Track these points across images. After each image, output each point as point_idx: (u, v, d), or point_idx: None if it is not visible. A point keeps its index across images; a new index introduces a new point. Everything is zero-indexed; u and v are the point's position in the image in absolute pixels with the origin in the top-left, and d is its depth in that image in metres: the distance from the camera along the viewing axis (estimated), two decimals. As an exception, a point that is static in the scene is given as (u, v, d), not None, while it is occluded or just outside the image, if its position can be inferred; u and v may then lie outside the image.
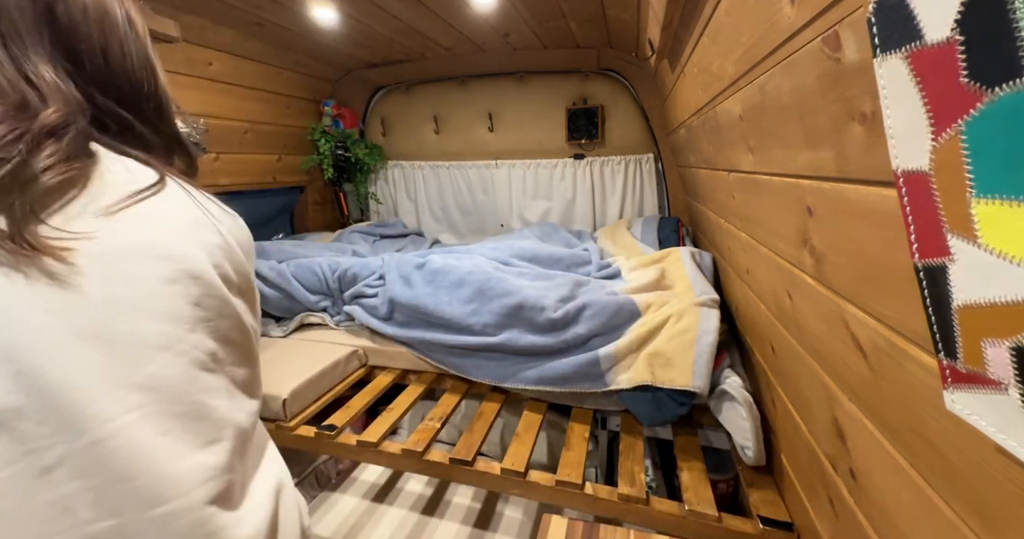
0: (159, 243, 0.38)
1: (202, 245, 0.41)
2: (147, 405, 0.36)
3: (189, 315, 0.39)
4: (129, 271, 0.36)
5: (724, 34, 0.88)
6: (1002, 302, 0.28)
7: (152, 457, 0.35)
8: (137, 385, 0.36)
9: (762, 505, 0.95)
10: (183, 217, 0.41)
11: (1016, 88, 0.25)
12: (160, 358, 0.37)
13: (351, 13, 1.77)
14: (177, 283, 0.38)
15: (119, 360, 0.35)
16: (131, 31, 0.46)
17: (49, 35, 0.40)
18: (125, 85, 0.45)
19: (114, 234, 0.36)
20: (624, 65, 2.31)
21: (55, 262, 0.33)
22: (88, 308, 0.34)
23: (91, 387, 0.34)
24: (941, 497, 0.43)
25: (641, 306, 1.31)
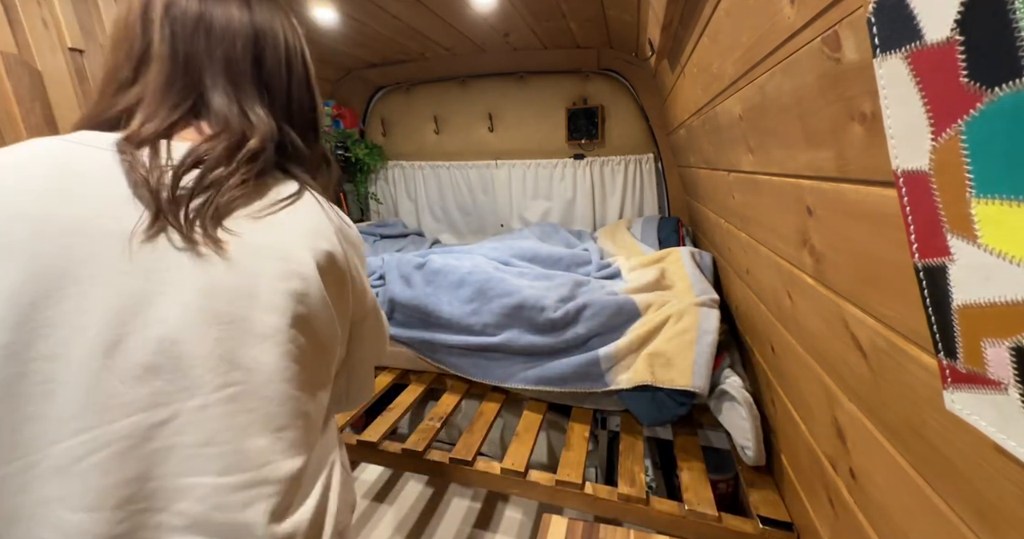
0: (281, 245, 0.45)
1: (314, 250, 0.47)
2: (244, 382, 0.41)
3: (292, 310, 0.44)
4: (255, 266, 0.44)
5: (724, 34, 0.88)
6: (1002, 302, 0.28)
7: (238, 430, 0.41)
8: (239, 364, 0.41)
9: (762, 505, 0.95)
10: (305, 224, 0.48)
11: (1016, 88, 0.25)
12: (262, 344, 0.43)
13: (351, 13, 1.77)
14: (288, 281, 0.44)
15: (231, 340, 0.41)
16: (305, 71, 0.56)
17: (254, 78, 0.51)
18: (299, 115, 0.55)
19: (252, 234, 0.44)
20: (624, 65, 2.30)
21: (209, 251, 0.42)
22: (220, 292, 0.42)
23: (205, 358, 0.40)
24: (941, 497, 0.43)
25: (641, 306, 1.31)
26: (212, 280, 0.41)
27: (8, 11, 0.96)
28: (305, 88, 0.56)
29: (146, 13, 0.48)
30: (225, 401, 0.41)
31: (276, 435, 0.43)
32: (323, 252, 0.48)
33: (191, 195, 0.43)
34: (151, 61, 0.48)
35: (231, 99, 0.50)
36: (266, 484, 0.41)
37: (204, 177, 0.44)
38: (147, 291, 0.40)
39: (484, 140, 2.70)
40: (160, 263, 0.40)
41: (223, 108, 0.49)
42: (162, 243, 0.41)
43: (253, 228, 0.45)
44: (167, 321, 0.40)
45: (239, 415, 0.41)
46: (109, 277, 0.39)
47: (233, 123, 0.49)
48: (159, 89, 0.48)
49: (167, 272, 0.40)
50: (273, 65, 0.53)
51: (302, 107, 0.56)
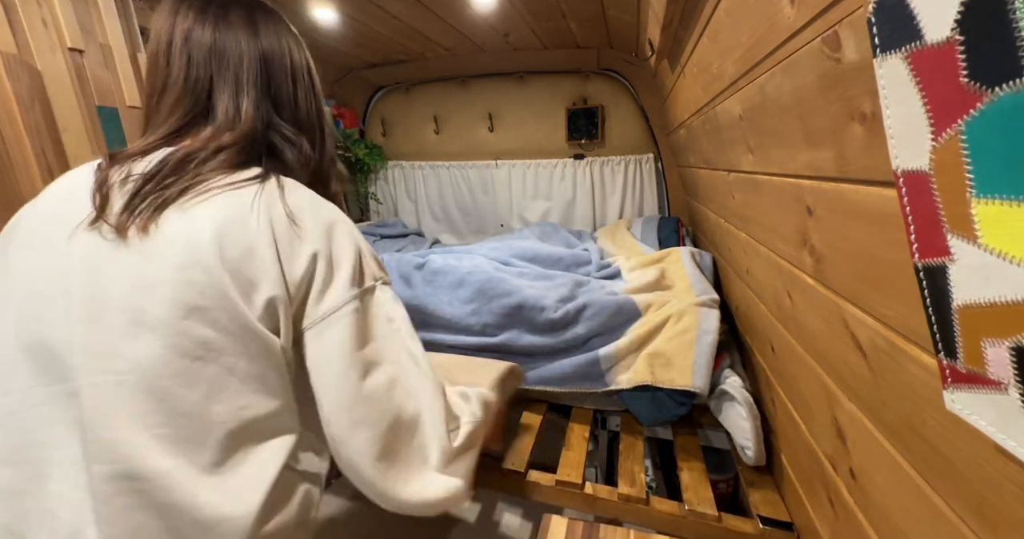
0: (188, 234, 0.46)
1: (223, 239, 0.46)
2: (126, 373, 0.43)
3: (186, 302, 0.44)
4: (160, 256, 0.45)
5: (724, 34, 0.88)
6: (1002, 302, 0.28)
7: (110, 419, 0.42)
8: (123, 354, 0.43)
9: (762, 505, 0.95)
10: (225, 213, 0.48)
11: (1016, 88, 0.25)
12: (147, 336, 0.43)
13: (351, 13, 1.77)
14: (186, 271, 0.45)
15: (120, 329, 0.43)
16: (310, 81, 0.62)
17: (261, 85, 0.57)
18: (307, 122, 0.61)
19: (170, 224, 0.46)
20: (624, 65, 2.30)
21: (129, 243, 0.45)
22: (121, 280, 0.44)
23: (94, 344, 0.43)
24: (941, 497, 0.43)
25: (641, 306, 1.31)
26: (118, 268, 0.45)
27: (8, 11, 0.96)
28: (312, 97, 0.62)
29: (169, 45, 0.54)
30: (105, 390, 0.42)
31: (151, 432, 0.43)
32: (236, 243, 0.46)
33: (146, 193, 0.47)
34: (168, 89, 0.55)
35: (232, 102, 0.55)
36: (131, 479, 0.42)
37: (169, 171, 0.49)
38: (71, 272, 0.45)
39: (484, 140, 2.70)
40: (86, 251, 0.46)
41: (223, 113, 0.54)
42: (95, 234, 0.46)
43: (177, 219, 0.47)
44: (75, 302, 0.44)
45: (115, 404, 0.42)
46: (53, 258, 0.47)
47: (224, 123, 0.54)
48: (168, 108, 0.54)
49: (89, 259, 0.46)
50: (280, 79, 0.58)
51: (309, 115, 0.61)
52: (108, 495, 0.42)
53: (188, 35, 0.54)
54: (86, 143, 1.10)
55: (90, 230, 0.46)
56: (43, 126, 1.02)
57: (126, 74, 1.20)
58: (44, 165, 1.01)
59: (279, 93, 0.58)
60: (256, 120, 0.55)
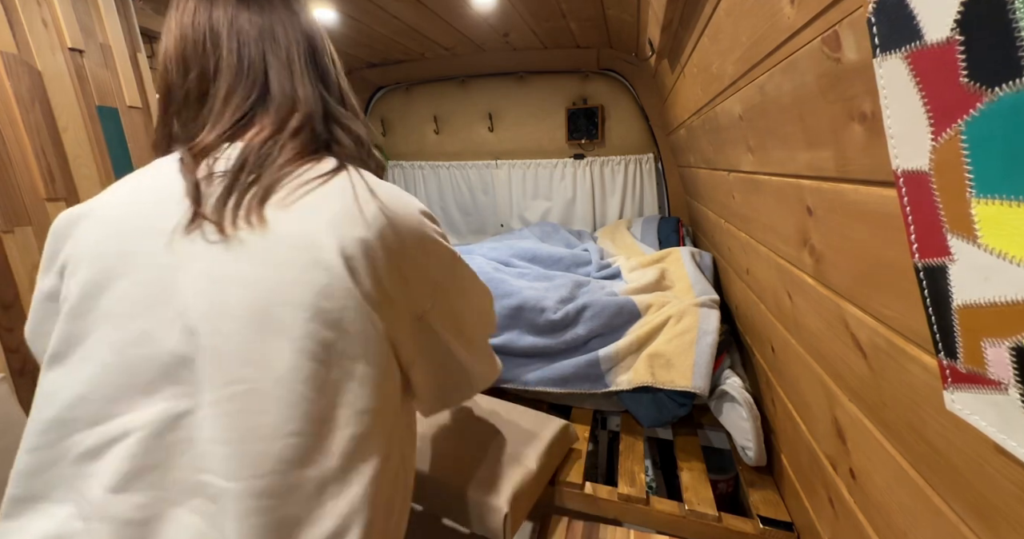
0: (306, 234, 0.44)
1: (342, 238, 0.44)
2: (254, 381, 0.40)
3: (313, 305, 0.42)
4: (278, 258, 0.43)
5: (724, 34, 0.88)
6: (1002, 302, 0.28)
7: (247, 431, 0.40)
8: (250, 361, 0.41)
9: (762, 505, 0.95)
10: (335, 208, 0.46)
11: (1016, 88, 0.25)
12: (275, 341, 0.41)
13: (351, 13, 1.77)
14: (310, 272, 0.43)
15: (244, 335, 0.41)
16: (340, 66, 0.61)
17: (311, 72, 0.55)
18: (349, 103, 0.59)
19: (281, 224, 0.44)
20: (624, 65, 2.30)
21: (239, 243, 0.43)
22: (241, 284, 0.42)
23: (220, 354, 0.41)
24: (941, 497, 0.43)
25: (641, 307, 1.31)
26: (236, 272, 0.42)
27: (8, 11, 0.96)
28: (344, 82, 0.61)
29: (212, 31, 0.52)
30: (232, 398, 0.40)
31: (284, 441, 0.40)
32: (354, 239, 0.44)
33: (238, 190, 0.45)
34: (220, 73, 0.52)
35: (288, 84, 0.53)
36: (270, 497, 0.39)
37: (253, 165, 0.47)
38: (177, 283, 0.42)
39: (484, 140, 2.70)
40: (193, 257, 0.43)
41: (280, 93, 0.52)
42: (198, 238, 0.43)
43: (283, 217, 0.44)
44: (189, 313, 0.41)
45: (248, 416, 0.39)
46: (147, 271, 0.43)
47: (284, 104, 0.52)
48: (225, 96, 0.51)
49: (198, 264, 0.43)
50: (324, 61, 0.57)
51: (345, 96, 0.59)
52: (243, 514, 0.38)
53: (233, 19, 0.52)
54: (86, 143, 1.10)
55: (189, 234, 0.43)
56: (43, 126, 1.02)
57: (126, 74, 1.20)
58: (44, 165, 1.01)
59: (326, 75, 0.57)
60: (315, 102, 0.54)
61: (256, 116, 0.52)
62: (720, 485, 1.41)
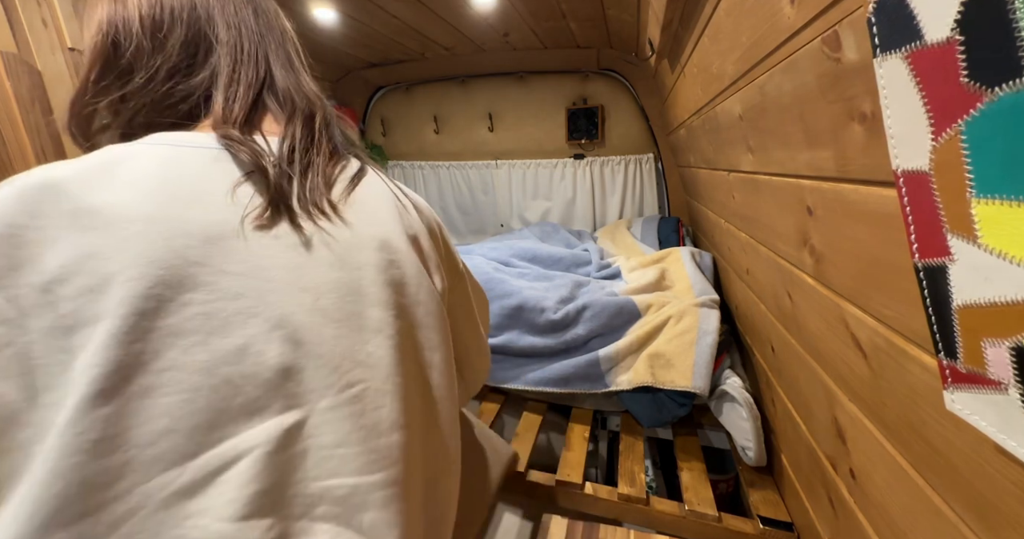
0: (376, 235, 0.45)
1: (406, 236, 0.47)
2: (367, 380, 0.41)
3: (395, 302, 0.44)
4: (357, 258, 0.43)
5: (724, 34, 0.88)
6: (1002, 302, 0.28)
7: (368, 429, 0.40)
8: (359, 362, 0.41)
9: (762, 505, 0.95)
10: (388, 208, 0.48)
11: (1016, 88, 0.25)
12: (375, 339, 0.42)
13: (351, 13, 1.77)
14: (388, 271, 0.44)
15: (347, 337, 0.41)
16: None
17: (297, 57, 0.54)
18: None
19: (348, 223, 0.44)
20: (624, 65, 2.30)
21: (315, 244, 0.42)
22: (330, 288, 0.42)
23: (330, 357, 0.40)
24: (941, 497, 0.43)
25: (641, 307, 1.31)
26: (321, 276, 0.42)
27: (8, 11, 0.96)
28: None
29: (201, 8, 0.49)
30: (352, 400, 0.40)
31: (401, 431, 0.42)
32: (413, 236, 0.48)
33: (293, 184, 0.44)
34: (215, 45, 0.48)
35: (289, 75, 0.52)
36: (400, 483, 0.41)
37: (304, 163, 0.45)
38: (263, 291, 0.39)
39: (484, 140, 2.70)
40: (272, 261, 0.40)
41: (285, 84, 0.51)
42: (272, 238, 0.41)
43: (350, 215, 0.45)
44: (288, 322, 0.39)
45: (368, 413, 0.41)
46: (223, 280, 0.38)
47: (298, 101, 0.50)
48: (231, 73, 0.48)
49: (279, 270, 0.40)
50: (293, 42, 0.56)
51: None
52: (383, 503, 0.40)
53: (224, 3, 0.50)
54: (86, 143, 1.10)
55: (261, 234, 0.40)
56: (43, 126, 1.02)
57: (126, 74, 1.20)
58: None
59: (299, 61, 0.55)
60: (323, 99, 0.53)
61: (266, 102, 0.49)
62: (720, 485, 1.41)
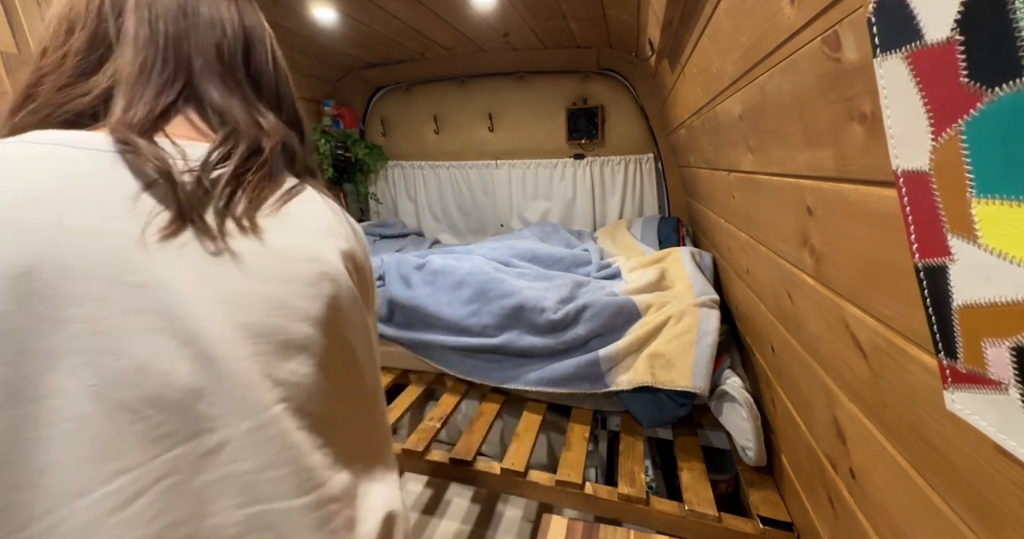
0: (307, 246, 0.42)
1: (338, 250, 0.44)
2: (289, 400, 0.38)
3: (325, 318, 0.41)
4: (286, 271, 0.40)
5: (724, 34, 0.88)
6: (1002, 302, 0.28)
7: (295, 449, 0.38)
8: (281, 380, 0.38)
9: (762, 505, 0.95)
10: (322, 222, 0.45)
11: (1016, 88, 0.25)
12: (298, 357, 0.39)
13: (351, 13, 1.77)
14: (318, 285, 0.41)
15: (267, 354, 0.38)
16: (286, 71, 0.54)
17: (245, 71, 0.49)
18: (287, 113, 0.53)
19: (274, 234, 0.41)
20: (624, 65, 2.31)
21: (233, 255, 0.38)
22: (250, 301, 0.38)
23: (247, 376, 0.36)
24: (941, 497, 0.43)
25: (641, 307, 1.31)
26: (241, 288, 0.38)
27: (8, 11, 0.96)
28: (288, 87, 0.54)
29: None
30: (275, 420, 0.37)
31: (323, 451, 0.40)
32: (346, 252, 0.45)
33: (218, 190, 0.39)
34: (123, 45, 0.43)
35: (229, 93, 0.46)
36: (332, 502, 0.39)
37: (232, 174, 0.41)
38: (169, 306, 0.35)
39: (484, 140, 2.70)
40: (180, 273, 0.36)
41: (220, 102, 0.46)
42: (179, 247, 0.36)
43: (277, 227, 0.41)
44: (199, 338, 0.35)
45: (292, 434, 0.38)
46: (121, 293, 0.34)
47: (243, 124, 0.45)
48: (137, 73, 0.43)
49: (189, 283, 0.36)
50: (261, 60, 0.50)
51: (288, 106, 0.53)
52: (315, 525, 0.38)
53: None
54: (86, 143, 1.10)
55: (165, 243, 0.36)
56: (43, 126, 1.02)
57: (126, 74, 1.20)
58: (44, 165, 1.01)
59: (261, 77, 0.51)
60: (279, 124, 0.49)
61: (181, 108, 0.45)
62: (720, 485, 1.41)
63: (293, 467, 0.37)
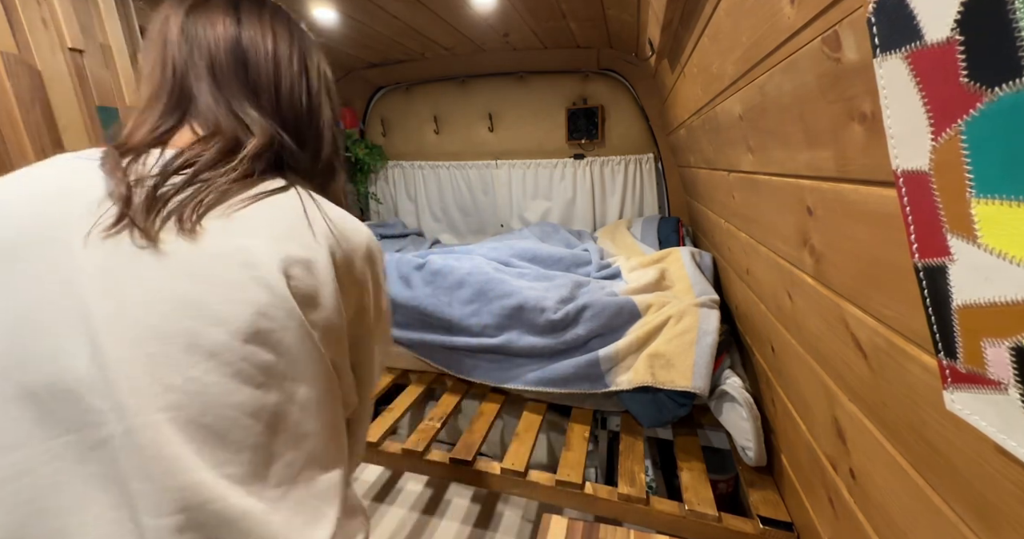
0: (244, 249, 0.41)
1: (284, 257, 0.42)
2: (177, 408, 0.36)
3: (248, 324, 0.39)
4: (211, 273, 0.39)
5: (724, 34, 0.88)
6: (1002, 302, 0.28)
7: (169, 462, 0.35)
8: (174, 386, 0.36)
9: (762, 505, 0.95)
10: (277, 225, 0.44)
11: (1016, 88, 0.25)
12: (205, 363, 0.37)
13: (351, 13, 1.77)
14: (246, 290, 0.39)
15: (166, 357, 0.36)
16: (300, 72, 0.55)
17: (240, 79, 0.51)
18: (292, 118, 0.54)
19: (215, 238, 0.40)
20: (624, 65, 2.30)
21: (165, 256, 0.38)
22: (160, 301, 0.37)
23: (134, 378, 0.35)
24: (941, 497, 0.43)
25: (641, 307, 1.31)
26: (158, 288, 0.37)
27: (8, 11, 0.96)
28: (301, 91, 0.55)
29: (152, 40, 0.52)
30: (150, 427, 0.35)
31: (219, 471, 0.37)
32: (297, 259, 0.42)
33: (169, 196, 0.41)
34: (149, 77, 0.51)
35: (217, 98, 0.49)
36: (205, 527, 0.35)
37: (192, 177, 0.43)
38: (84, 296, 0.36)
39: (484, 140, 2.70)
40: (107, 267, 0.37)
41: (210, 107, 0.49)
42: (117, 246, 0.38)
43: (220, 229, 0.41)
44: (103, 331, 0.35)
45: (168, 445, 0.35)
46: (40, 280, 0.36)
47: (224, 124, 0.48)
48: (149, 98, 0.50)
49: (113, 275, 0.37)
50: (257, 67, 0.52)
51: (295, 109, 0.54)
52: None
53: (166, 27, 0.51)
54: (86, 143, 1.10)
55: (108, 239, 0.38)
56: (43, 126, 1.02)
57: (126, 74, 1.20)
58: (44, 165, 1.01)
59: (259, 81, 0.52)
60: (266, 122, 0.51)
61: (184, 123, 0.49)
62: (720, 485, 1.41)
63: (164, 483, 0.34)
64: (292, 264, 0.42)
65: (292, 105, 0.54)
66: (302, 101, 0.55)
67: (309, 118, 0.56)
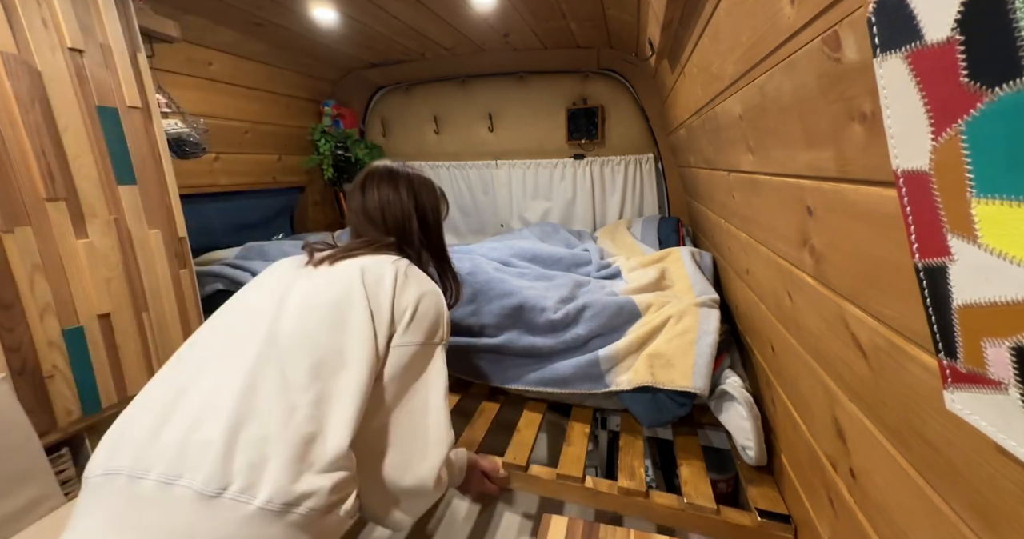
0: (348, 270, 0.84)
1: (366, 272, 0.83)
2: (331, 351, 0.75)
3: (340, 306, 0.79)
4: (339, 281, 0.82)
5: (724, 34, 0.88)
6: (1002, 302, 0.28)
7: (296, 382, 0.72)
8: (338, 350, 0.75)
9: (760, 499, 0.95)
10: (368, 260, 0.87)
11: (1016, 88, 0.25)
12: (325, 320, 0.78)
13: (351, 13, 1.77)
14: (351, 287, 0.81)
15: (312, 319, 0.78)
16: (435, 219, 1.06)
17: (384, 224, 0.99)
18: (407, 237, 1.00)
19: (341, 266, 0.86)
20: (624, 65, 2.31)
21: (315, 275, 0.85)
22: (314, 295, 0.81)
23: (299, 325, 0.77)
24: (941, 497, 0.43)
25: (641, 307, 1.31)
26: (314, 288, 0.82)
27: (8, 11, 0.96)
28: (436, 235, 1.06)
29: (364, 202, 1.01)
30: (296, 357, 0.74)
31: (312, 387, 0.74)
32: (375, 275, 0.83)
33: (330, 255, 0.89)
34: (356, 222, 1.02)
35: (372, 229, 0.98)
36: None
37: (343, 251, 0.90)
38: (288, 291, 0.81)
39: (484, 140, 2.70)
40: (298, 280, 0.84)
41: (367, 233, 0.98)
42: (308, 274, 0.86)
43: (344, 264, 0.86)
44: (286, 305, 0.79)
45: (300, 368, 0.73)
46: (276, 283, 0.85)
47: (370, 238, 0.96)
48: (351, 234, 1.02)
49: (302, 284, 0.83)
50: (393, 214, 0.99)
51: (406, 231, 0.99)
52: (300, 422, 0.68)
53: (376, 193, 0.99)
54: (86, 143, 1.10)
55: (303, 270, 0.87)
56: (43, 126, 1.02)
57: (126, 74, 1.20)
58: (44, 165, 1.01)
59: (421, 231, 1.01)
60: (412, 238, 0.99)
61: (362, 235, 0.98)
62: (720, 485, 1.41)
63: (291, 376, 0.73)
64: (368, 278, 0.82)
65: (406, 230, 0.99)
66: (415, 230, 1.00)
67: (416, 234, 1.00)
